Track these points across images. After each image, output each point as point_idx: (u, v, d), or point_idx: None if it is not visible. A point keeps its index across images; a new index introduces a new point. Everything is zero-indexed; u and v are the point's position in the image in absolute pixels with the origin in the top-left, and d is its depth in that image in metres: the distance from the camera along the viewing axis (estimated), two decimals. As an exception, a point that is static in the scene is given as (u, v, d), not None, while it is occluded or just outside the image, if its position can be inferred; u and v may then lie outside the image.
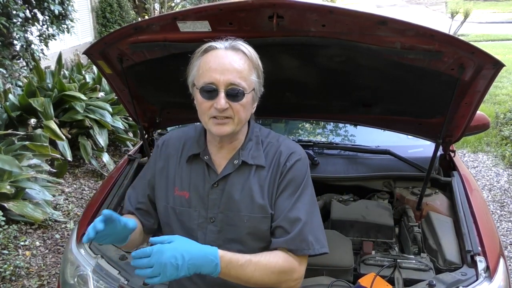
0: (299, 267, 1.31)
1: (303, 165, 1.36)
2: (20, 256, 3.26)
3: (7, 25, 4.09)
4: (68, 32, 5.14)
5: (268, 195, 1.33)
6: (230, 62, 1.25)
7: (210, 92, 1.25)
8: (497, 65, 1.67)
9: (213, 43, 1.29)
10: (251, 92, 1.29)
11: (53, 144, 4.22)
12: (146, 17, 9.76)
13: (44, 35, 4.94)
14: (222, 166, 1.36)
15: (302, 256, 1.31)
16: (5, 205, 3.38)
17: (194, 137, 1.43)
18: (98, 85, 5.20)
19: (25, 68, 4.84)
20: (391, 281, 1.79)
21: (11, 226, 3.45)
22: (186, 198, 1.37)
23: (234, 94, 1.24)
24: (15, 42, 4.55)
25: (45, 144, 4.03)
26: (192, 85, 1.32)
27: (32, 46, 4.72)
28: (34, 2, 4.51)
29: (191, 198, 1.36)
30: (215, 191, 1.35)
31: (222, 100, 1.23)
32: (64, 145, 4.32)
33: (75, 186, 4.45)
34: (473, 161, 5.39)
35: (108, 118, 4.76)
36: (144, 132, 2.45)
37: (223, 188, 1.35)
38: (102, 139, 4.65)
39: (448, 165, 2.47)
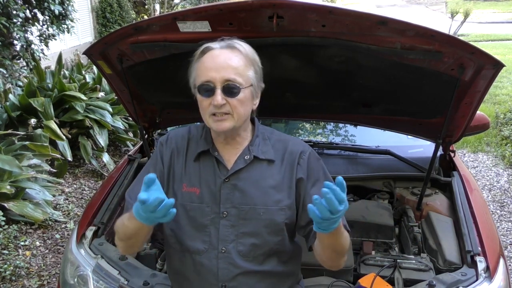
0: None
1: (314, 156, 1.44)
2: (20, 256, 3.26)
3: (7, 25, 4.09)
4: (68, 32, 5.13)
5: (284, 189, 1.38)
6: (225, 60, 1.29)
7: (208, 90, 1.29)
8: (497, 65, 1.67)
9: (209, 44, 1.33)
10: (248, 87, 1.32)
11: (53, 144, 4.22)
12: (145, 17, 9.77)
13: (44, 35, 4.93)
14: (231, 162, 1.39)
15: None
16: (5, 205, 3.38)
17: (198, 136, 1.45)
18: (98, 85, 5.20)
19: (25, 68, 4.83)
20: (391, 281, 1.79)
21: (11, 226, 3.45)
22: (197, 194, 1.38)
23: (230, 89, 1.28)
24: (15, 42, 4.54)
25: (45, 144, 4.03)
26: (193, 86, 1.35)
27: (32, 46, 4.71)
28: (34, 2, 4.50)
29: (203, 194, 1.38)
30: (226, 185, 1.37)
31: (218, 96, 1.27)
32: (64, 145, 4.32)
33: (75, 186, 4.45)
34: (473, 161, 5.39)
35: (108, 118, 4.76)
36: (144, 132, 2.45)
37: (235, 183, 1.37)
38: (102, 139, 4.65)
39: (448, 165, 2.47)
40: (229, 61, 1.29)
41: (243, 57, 1.32)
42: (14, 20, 4.23)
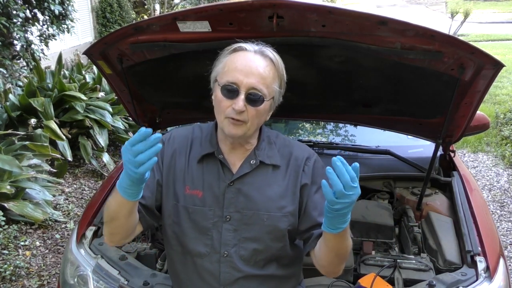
0: None
1: (320, 163, 1.42)
2: (20, 256, 3.26)
3: (7, 25, 4.09)
4: (68, 32, 5.13)
5: (288, 195, 1.36)
6: (256, 67, 1.26)
7: (231, 91, 1.26)
8: (497, 65, 1.67)
9: (243, 44, 1.31)
10: (270, 100, 1.30)
11: (53, 144, 4.22)
12: (145, 17, 9.77)
13: (44, 35, 4.93)
14: (237, 165, 1.37)
15: None
16: (5, 205, 3.38)
17: (202, 137, 1.42)
18: (98, 85, 5.19)
19: (25, 68, 4.83)
20: (391, 281, 1.79)
21: (11, 226, 3.45)
22: (200, 197, 1.36)
23: (253, 98, 1.26)
24: (15, 42, 4.54)
25: (45, 144, 4.03)
26: (214, 80, 1.33)
27: (32, 46, 4.71)
28: (34, 2, 4.50)
29: (205, 197, 1.36)
30: (230, 190, 1.36)
31: (240, 102, 1.25)
32: (64, 145, 4.32)
33: (75, 186, 4.45)
34: (473, 161, 5.39)
35: (108, 118, 4.76)
36: (144, 132, 2.44)
37: (240, 187, 1.36)
38: (102, 139, 4.65)
39: (448, 165, 2.48)
40: (260, 69, 1.27)
41: (273, 67, 1.30)
42: (14, 20, 4.23)
